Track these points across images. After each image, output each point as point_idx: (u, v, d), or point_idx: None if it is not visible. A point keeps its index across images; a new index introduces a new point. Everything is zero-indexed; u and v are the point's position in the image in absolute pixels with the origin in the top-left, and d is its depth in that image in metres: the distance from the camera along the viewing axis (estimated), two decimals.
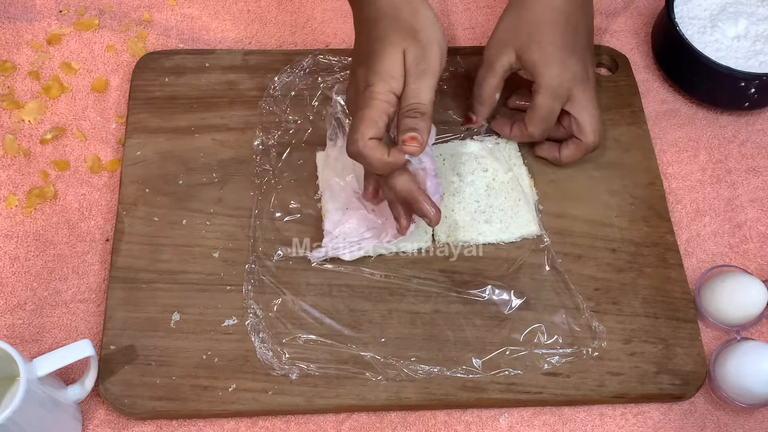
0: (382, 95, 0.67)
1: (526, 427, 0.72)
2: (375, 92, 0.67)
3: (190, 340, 0.72)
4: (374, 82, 0.67)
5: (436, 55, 0.67)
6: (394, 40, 0.67)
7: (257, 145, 0.82)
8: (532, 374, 0.71)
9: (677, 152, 0.87)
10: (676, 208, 0.83)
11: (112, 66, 0.89)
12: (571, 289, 0.75)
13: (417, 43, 0.67)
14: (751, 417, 0.73)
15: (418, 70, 0.67)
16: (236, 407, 0.70)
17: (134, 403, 0.69)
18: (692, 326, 0.75)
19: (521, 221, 0.78)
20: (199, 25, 0.93)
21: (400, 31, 0.68)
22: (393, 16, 0.68)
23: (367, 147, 0.66)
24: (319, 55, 0.87)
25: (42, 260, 0.77)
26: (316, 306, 0.74)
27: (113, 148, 0.84)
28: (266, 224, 0.78)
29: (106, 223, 0.79)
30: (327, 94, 0.85)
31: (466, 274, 0.76)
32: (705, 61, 0.84)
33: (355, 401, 0.70)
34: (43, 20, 0.92)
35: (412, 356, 0.72)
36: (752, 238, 0.82)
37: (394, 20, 0.68)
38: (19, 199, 0.80)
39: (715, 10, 0.88)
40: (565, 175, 0.82)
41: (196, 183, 0.80)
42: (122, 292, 0.74)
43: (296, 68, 0.87)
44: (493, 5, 0.96)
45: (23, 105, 0.86)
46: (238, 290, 0.74)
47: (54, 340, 0.74)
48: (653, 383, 0.72)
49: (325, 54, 0.88)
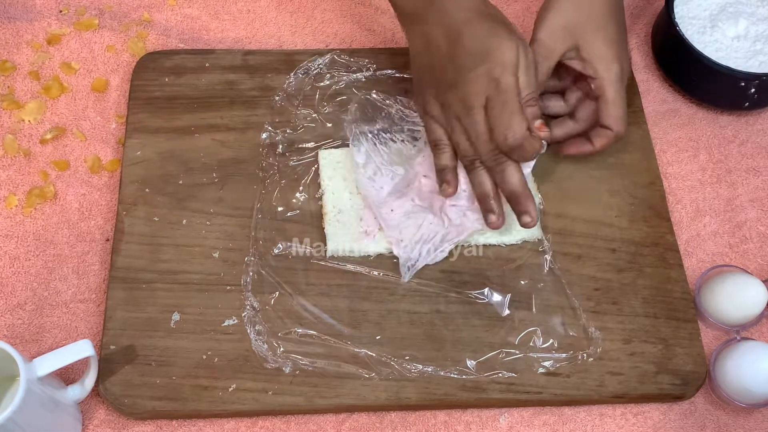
0: (514, 87, 0.70)
1: (526, 427, 0.72)
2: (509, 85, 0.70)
3: (190, 340, 0.72)
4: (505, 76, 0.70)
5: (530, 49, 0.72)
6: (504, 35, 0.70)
7: (264, 138, 0.82)
8: (532, 374, 0.71)
9: (677, 152, 0.87)
10: (676, 208, 0.83)
11: (112, 66, 0.89)
12: (567, 293, 0.75)
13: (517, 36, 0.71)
14: (751, 417, 0.73)
15: (527, 62, 0.70)
16: (236, 407, 0.70)
17: (134, 403, 0.69)
18: (692, 326, 0.75)
19: None
20: (199, 25, 0.93)
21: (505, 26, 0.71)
22: (490, 14, 0.72)
23: (527, 137, 0.70)
24: (335, 54, 0.87)
25: (42, 260, 0.77)
26: (315, 303, 0.74)
27: (113, 148, 0.84)
28: (268, 218, 0.78)
29: (106, 223, 0.79)
30: (343, 93, 0.85)
31: (466, 275, 0.76)
32: (705, 61, 0.84)
33: (355, 401, 0.70)
34: (43, 20, 0.92)
35: (407, 355, 0.72)
36: (752, 238, 0.82)
37: (492, 18, 0.72)
38: (19, 199, 0.80)
39: (715, 10, 0.88)
40: (565, 175, 0.82)
41: (196, 183, 0.80)
42: (122, 292, 0.74)
43: (313, 66, 0.87)
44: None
45: (23, 105, 0.86)
46: (238, 290, 0.74)
47: (54, 340, 0.74)
48: (653, 383, 0.72)
49: (341, 54, 0.87)
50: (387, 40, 0.93)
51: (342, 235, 0.77)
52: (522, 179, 0.72)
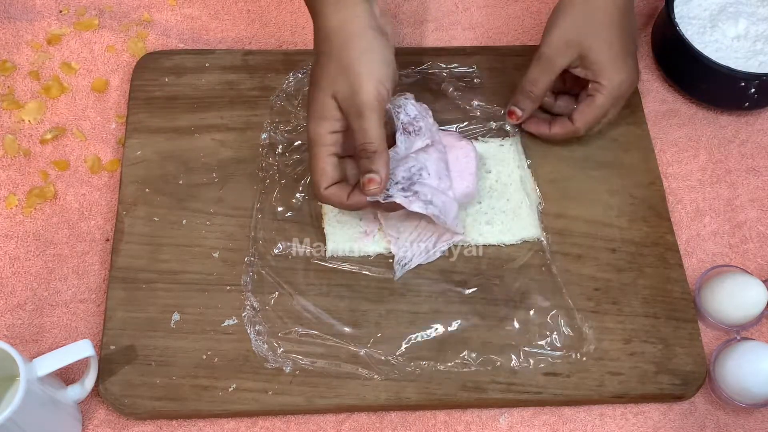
0: (321, 138, 0.69)
1: (526, 427, 0.72)
2: (313, 138, 0.69)
3: (190, 340, 0.72)
4: (311, 127, 0.69)
5: (371, 88, 0.67)
6: (323, 84, 0.68)
7: (264, 138, 0.82)
8: (532, 374, 0.71)
9: (677, 152, 0.87)
10: (676, 208, 0.83)
11: (112, 66, 0.89)
12: (562, 293, 0.75)
13: (346, 80, 0.67)
14: (751, 417, 0.73)
15: (353, 110, 0.67)
16: (236, 407, 0.70)
17: (134, 403, 0.69)
18: (692, 326, 0.75)
19: (523, 224, 0.78)
20: (199, 25, 0.93)
21: (331, 69, 0.68)
22: (327, 53, 0.69)
23: (326, 197, 0.70)
24: None
25: (42, 260, 0.77)
26: (315, 303, 0.74)
27: (113, 148, 0.84)
28: (268, 218, 0.78)
29: (106, 223, 0.79)
30: None
31: (465, 274, 0.76)
32: (705, 61, 0.84)
33: (355, 401, 0.70)
34: (43, 20, 0.92)
35: (407, 355, 0.72)
36: (752, 238, 0.82)
37: (328, 57, 0.69)
38: (19, 199, 0.80)
39: (715, 10, 0.88)
40: (565, 175, 0.82)
41: (196, 183, 0.80)
42: (122, 292, 0.74)
43: None
44: (493, 5, 0.96)
45: (23, 105, 0.86)
46: (238, 290, 0.74)
47: (54, 340, 0.74)
48: (653, 383, 0.72)
49: None
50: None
51: (342, 235, 0.77)
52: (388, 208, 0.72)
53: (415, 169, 0.73)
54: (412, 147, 0.74)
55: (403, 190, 0.71)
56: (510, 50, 0.90)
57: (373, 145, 0.68)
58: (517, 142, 0.83)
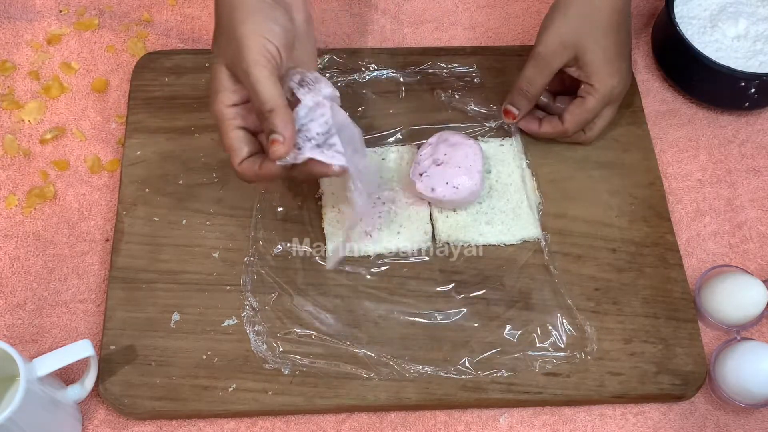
0: (220, 113, 0.66)
1: (526, 427, 0.72)
2: (215, 115, 0.66)
3: (189, 340, 0.72)
4: (210, 104, 0.67)
5: (253, 45, 0.64)
6: (217, 57, 0.66)
7: None
8: (532, 374, 0.71)
9: (677, 152, 0.87)
10: (676, 208, 0.83)
11: (112, 66, 0.89)
12: (562, 293, 0.75)
13: (231, 45, 0.64)
14: (751, 417, 0.73)
15: (240, 72, 0.64)
16: (236, 407, 0.70)
17: (134, 403, 0.69)
18: (692, 326, 0.75)
19: (523, 224, 0.78)
20: (199, 25, 0.93)
21: (221, 40, 0.66)
22: (217, 24, 0.67)
23: (239, 173, 0.67)
24: (334, 55, 0.87)
25: (42, 260, 0.77)
26: (315, 303, 0.74)
27: (113, 148, 0.84)
28: (268, 218, 0.78)
29: (106, 223, 0.79)
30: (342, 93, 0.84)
31: (466, 274, 0.76)
32: (705, 61, 0.84)
33: (355, 401, 0.70)
34: (43, 20, 0.92)
35: (407, 355, 0.72)
36: (752, 238, 0.82)
37: (218, 28, 0.67)
38: (19, 199, 0.80)
39: (715, 10, 0.88)
40: (565, 175, 0.82)
41: (196, 183, 0.80)
42: (122, 292, 0.74)
43: None
44: (493, 5, 0.96)
45: (23, 105, 0.86)
46: (238, 290, 0.74)
47: (54, 340, 0.74)
48: (653, 383, 0.72)
49: (340, 53, 0.88)
50: (386, 40, 0.93)
51: (342, 235, 0.77)
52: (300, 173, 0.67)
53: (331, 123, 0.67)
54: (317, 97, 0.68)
55: (318, 147, 0.65)
56: (510, 50, 0.90)
57: (267, 104, 0.63)
58: (517, 142, 0.83)
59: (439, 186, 0.75)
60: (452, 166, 0.75)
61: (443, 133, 0.78)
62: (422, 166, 0.76)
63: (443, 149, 0.76)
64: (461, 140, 0.77)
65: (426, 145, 0.78)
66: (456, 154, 0.76)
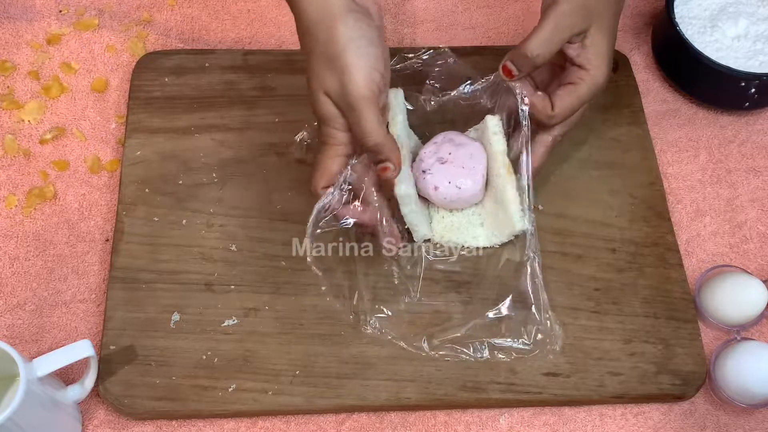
0: (330, 138, 0.66)
1: (526, 427, 0.72)
2: (323, 135, 0.66)
3: (189, 340, 0.72)
4: (320, 129, 0.66)
5: (360, 78, 0.62)
6: (314, 84, 0.65)
7: (300, 140, 0.80)
8: (532, 374, 0.71)
9: (677, 152, 0.87)
10: (676, 208, 0.83)
11: (112, 66, 0.89)
12: (539, 290, 0.72)
13: (334, 75, 0.63)
14: (751, 417, 0.73)
15: (345, 105, 0.64)
16: (236, 407, 0.70)
17: (134, 403, 0.69)
18: (692, 326, 0.75)
19: (507, 220, 0.74)
20: (199, 25, 0.93)
21: (318, 66, 0.64)
22: (311, 48, 0.64)
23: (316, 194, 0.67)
24: None
25: (42, 260, 0.77)
26: (315, 303, 0.74)
27: (113, 148, 0.84)
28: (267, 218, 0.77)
29: (106, 223, 0.79)
30: None
31: (465, 274, 0.76)
32: (705, 61, 0.84)
33: (355, 401, 0.70)
34: (43, 20, 0.92)
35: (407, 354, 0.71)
36: (752, 238, 0.82)
37: (312, 53, 0.64)
38: (19, 199, 0.80)
39: (715, 10, 0.88)
40: (565, 175, 0.82)
41: (196, 183, 0.80)
42: (122, 292, 0.74)
43: None
44: (493, 5, 0.96)
45: (23, 105, 0.86)
46: (238, 290, 0.74)
47: (54, 340, 0.74)
48: (653, 383, 0.72)
49: None
50: (386, 39, 0.92)
51: None
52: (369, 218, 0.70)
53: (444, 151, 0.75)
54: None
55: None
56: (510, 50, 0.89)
57: (371, 138, 0.64)
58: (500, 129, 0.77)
59: (442, 185, 0.75)
60: (456, 165, 0.75)
61: (448, 133, 0.78)
62: (426, 164, 0.76)
63: (448, 148, 0.76)
64: (466, 141, 0.77)
65: (430, 143, 0.78)
66: (460, 154, 0.76)
